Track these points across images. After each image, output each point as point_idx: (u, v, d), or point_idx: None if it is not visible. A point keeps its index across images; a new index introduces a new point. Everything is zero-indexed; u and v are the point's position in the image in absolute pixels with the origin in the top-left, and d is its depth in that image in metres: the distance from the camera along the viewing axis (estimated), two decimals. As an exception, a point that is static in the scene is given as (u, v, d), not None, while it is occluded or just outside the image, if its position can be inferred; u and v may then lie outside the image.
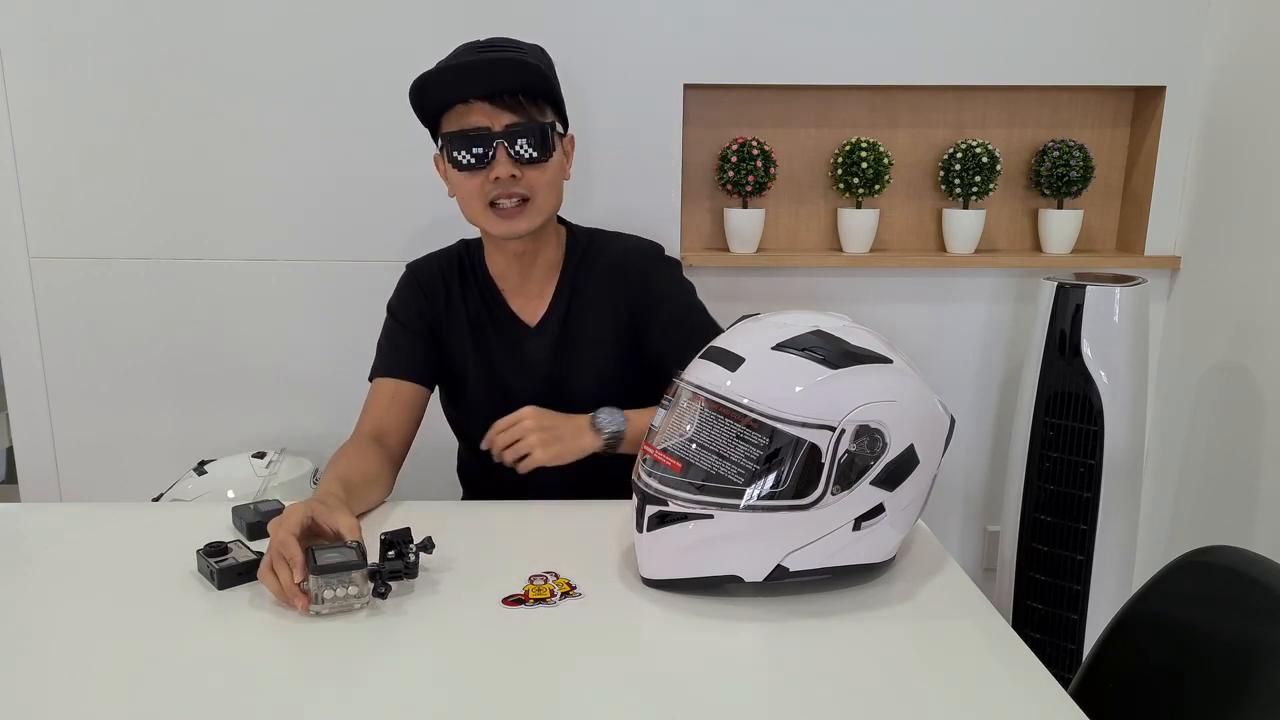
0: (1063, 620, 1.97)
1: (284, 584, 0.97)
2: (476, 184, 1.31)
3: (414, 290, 1.46)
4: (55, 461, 2.22)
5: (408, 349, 1.43)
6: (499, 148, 1.28)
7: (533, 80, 1.29)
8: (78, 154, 2.07)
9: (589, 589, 1.03)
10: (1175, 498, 2.21)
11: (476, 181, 1.31)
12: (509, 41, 1.34)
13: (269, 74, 2.04)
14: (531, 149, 1.29)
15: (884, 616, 0.99)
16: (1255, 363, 1.95)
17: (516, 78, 1.29)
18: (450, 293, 1.45)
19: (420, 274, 1.47)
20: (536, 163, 1.30)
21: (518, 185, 1.30)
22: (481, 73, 1.27)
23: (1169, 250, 2.20)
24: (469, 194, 1.32)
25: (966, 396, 2.30)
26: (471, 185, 1.31)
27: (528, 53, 1.32)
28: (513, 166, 1.29)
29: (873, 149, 2.12)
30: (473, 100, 1.28)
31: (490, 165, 1.29)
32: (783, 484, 0.96)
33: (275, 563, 0.99)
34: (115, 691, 0.84)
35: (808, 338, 1.00)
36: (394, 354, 1.43)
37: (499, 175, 1.29)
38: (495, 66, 1.27)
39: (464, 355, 1.44)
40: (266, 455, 2.02)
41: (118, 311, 2.15)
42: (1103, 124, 2.24)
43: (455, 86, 1.29)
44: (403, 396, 1.40)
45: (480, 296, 1.45)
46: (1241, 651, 0.91)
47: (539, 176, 1.32)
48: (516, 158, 1.29)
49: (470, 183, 1.31)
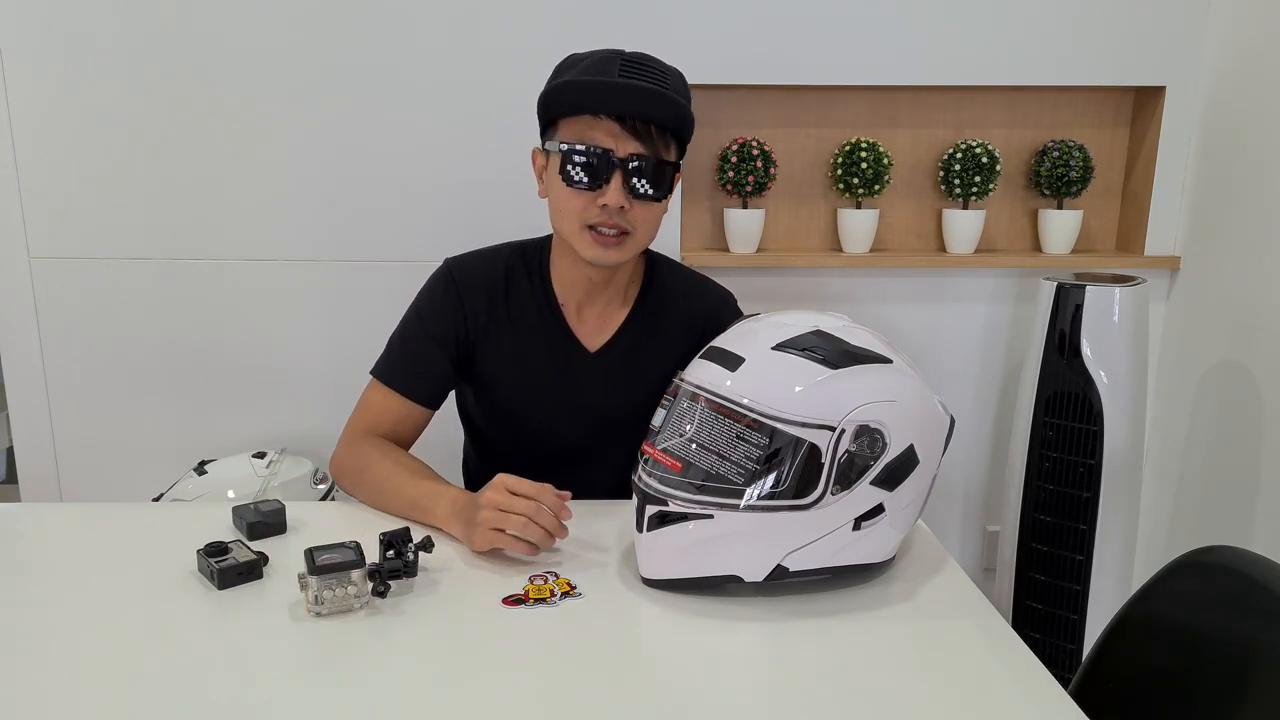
0: (1063, 620, 1.97)
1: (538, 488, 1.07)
2: (581, 204, 1.22)
3: (450, 294, 1.33)
4: (55, 461, 2.22)
5: (424, 365, 1.33)
6: (616, 175, 1.19)
7: (669, 117, 1.20)
8: (78, 154, 2.07)
9: (589, 589, 1.03)
10: (1175, 498, 2.21)
11: (581, 201, 1.21)
12: (654, 63, 1.22)
13: (269, 73, 2.04)
14: (648, 185, 1.21)
15: (884, 616, 0.99)
16: (1255, 363, 1.95)
17: (660, 110, 1.19)
18: (494, 302, 1.33)
19: (461, 277, 1.34)
20: (649, 200, 1.22)
21: (623, 218, 1.21)
22: (627, 95, 1.18)
23: (1169, 250, 2.20)
24: (569, 210, 1.23)
25: (966, 396, 2.30)
26: (575, 204, 1.22)
27: (670, 83, 1.22)
28: (624, 198, 1.20)
29: (873, 149, 2.12)
30: (602, 116, 1.18)
31: (602, 190, 1.20)
32: (783, 484, 0.96)
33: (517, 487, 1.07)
34: (115, 691, 0.84)
35: (808, 338, 1.01)
36: (407, 368, 1.33)
37: (608, 203, 1.20)
38: (643, 94, 1.18)
39: (502, 369, 1.35)
40: (266, 455, 2.02)
41: (118, 311, 2.15)
42: (1103, 124, 2.24)
43: (592, 98, 1.19)
44: (412, 419, 1.34)
45: (536, 311, 1.34)
46: (1241, 651, 0.91)
47: (646, 214, 1.23)
48: (631, 190, 1.20)
49: (574, 200, 1.22)
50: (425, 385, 1.34)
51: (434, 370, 1.33)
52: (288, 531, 1.18)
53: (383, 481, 1.24)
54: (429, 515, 1.17)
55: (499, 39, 2.03)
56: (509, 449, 1.41)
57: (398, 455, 1.28)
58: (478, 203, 2.10)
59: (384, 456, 1.27)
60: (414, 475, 1.23)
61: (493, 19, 2.03)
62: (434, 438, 1.46)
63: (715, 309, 1.39)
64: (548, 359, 1.34)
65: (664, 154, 1.22)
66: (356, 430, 1.33)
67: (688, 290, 1.40)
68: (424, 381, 1.33)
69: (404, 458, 1.29)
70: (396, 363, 1.34)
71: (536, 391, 1.35)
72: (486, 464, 1.42)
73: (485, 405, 1.40)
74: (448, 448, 1.53)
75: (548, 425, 1.36)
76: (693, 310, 1.38)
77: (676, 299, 1.38)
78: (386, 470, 1.25)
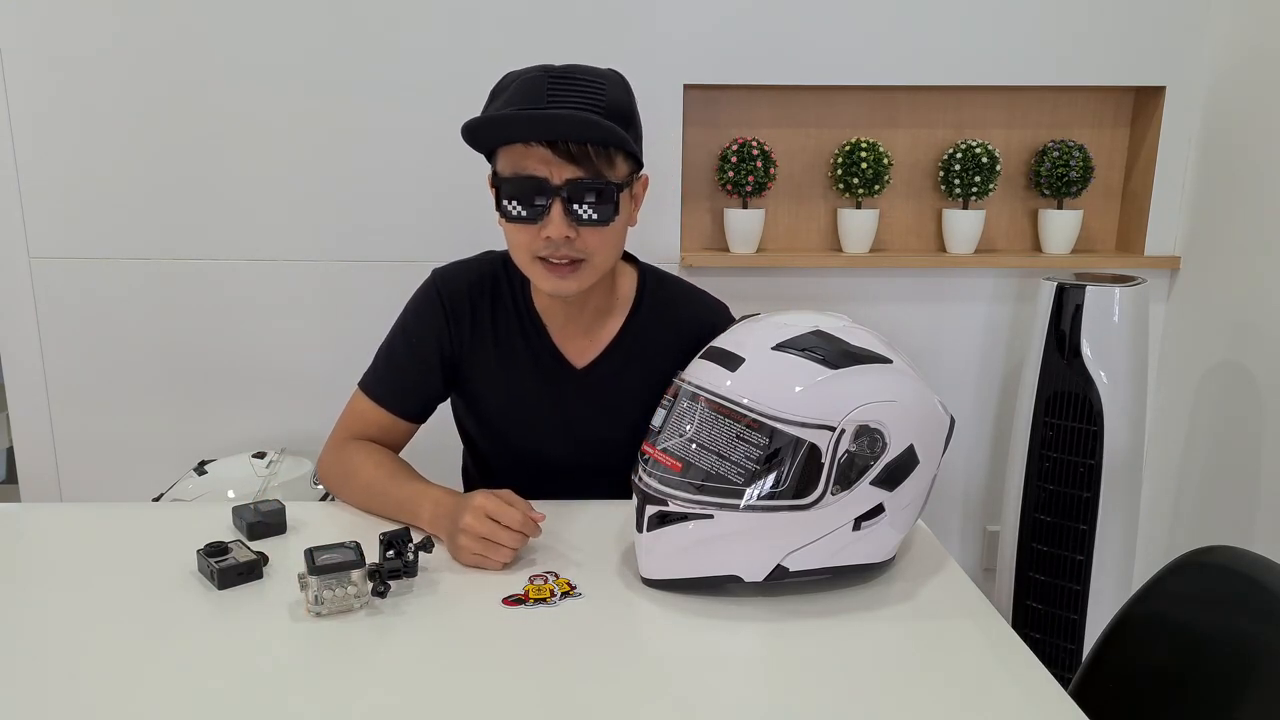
0: (1063, 620, 1.97)
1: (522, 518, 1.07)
2: (526, 237, 1.16)
3: (435, 307, 1.30)
4: (55, 461, 2.22)
5: (406, 380, 1.31)
6: (555, 203, 1.12)
7: (605, 135, 1.11)
8: (78, 154, 2.07)
9: (589, 589, 1.03)
10: (1175, 498, 2.21)
11: (526, 235, 1.15)
12: (585, 75, 1.14)
13: (269, 74, 2.04)
14: (592, 211, 1.13)
15: (884, 616, 0.99)
16: (1255, 363, 1.95)
17: (588, 133, 1.11)
18: (478, 315, 1.30)
19: (445, 288, 1.30)
20: (595, 224, 1.14)
21: (570, 247, 1.15)
22: (549, 126, 1.11)
23: (1169, 250, 2.20)
24: (515, 244, 1.19)
25: (966, 396, 2.30)
26: (521, 238, 1.17)
27: (606, 94, 1.13)
28: (568, 227, 1.13)
29: (872, 149, 2.12)
30: (533, 143, 1.12)
31: (544, 222, 1.13)
32: (783, 484, 0.96)
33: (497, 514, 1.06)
34: (115, 691, 0.84)
35: (808, 338, 1.00)
36: (392, 383, 1.31)
37: (550, 235, 1.13)
38: (567, 123, 1.10)
39: (489, 383, 1.32)
40: (266, 455, 2.02)
41: (118, 311, 2.15)
42: (1103, 124, 2.24)
43: (519, 129, 1.13)
44: (397, 431, 1.33)
45: (520, 327, 1.30)
46: (1241, 651, 0.91)
47: (598, 239, 1.16)
48: (574, 218, 1.13)
49: (519, 234, 1.17)
50: (409, 401, 1.32)
51: (419, 387, 1.32)
52: (288, 531, 1.18)
53: (368, 485, 1.24)
54: (414, 519, 1.17)
55: (498, 39, 2.03)
56: (503, 463, 1.40)
57: (380, 457, 1.27)
58: (478, 203, 2.08)
59: (367, 458, 1.27)
60: (396, 477, 1.23)
61: (491, 19, 2.03)
62: (433, 449, 1.45)
63: (711, 323, 1.24)
64: (534, 376, 1.31)
65: (607, 173, 1.13)
66: (342, 436, 1.33)
67: (680, 303, 1.35)
68: (408, 398, 1.32)
69: (387, 460, 1.28)
70: (382, 378, 1.32)
71: (524, 409, 1.32)
72: (484, 477, 1.42)
73: (476, 419, 1.39)
74: (450, 462, 1.52)
75: (536, 444, 1.34)
76: (687, 325, 1.29)
77: (668, 313, 1.32)
78: (370, 474, 1.25)
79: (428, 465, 1.39)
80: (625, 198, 1.18)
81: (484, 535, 1.06)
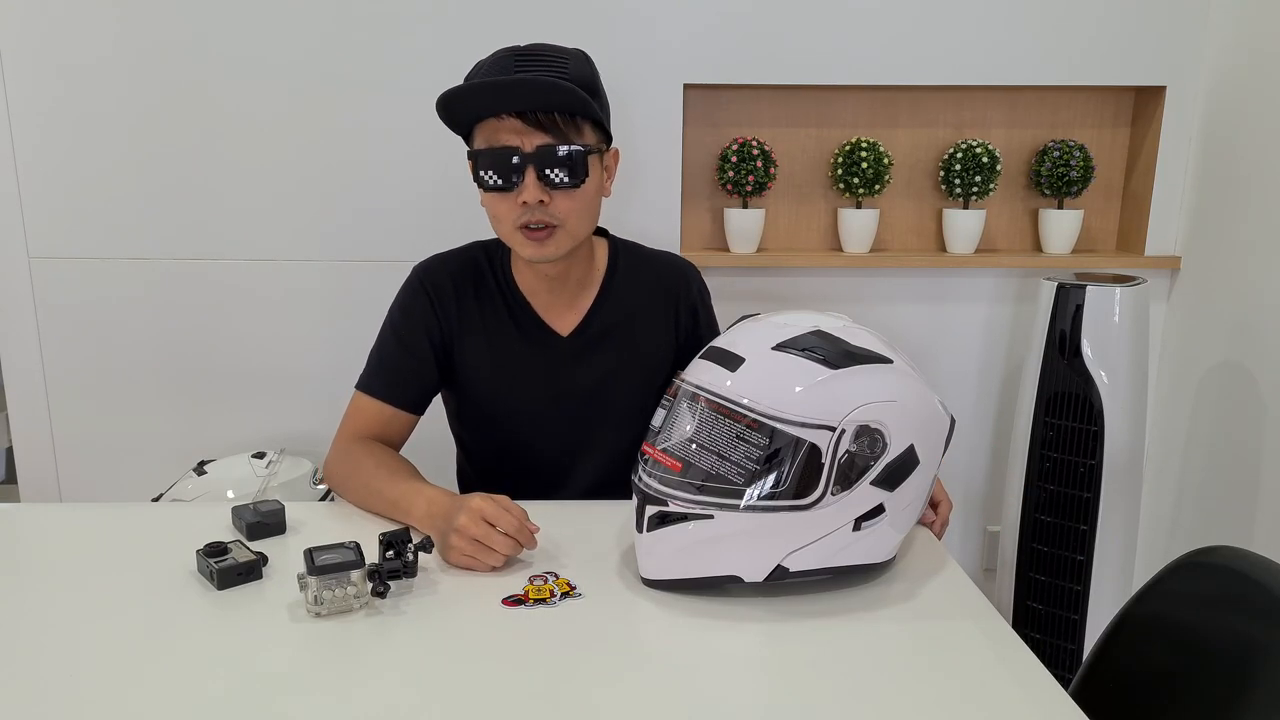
0: (1063, 620, 1.97)
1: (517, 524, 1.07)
2: (505, 207, 1.23)
3: (420, 298, 1.36)
4: (55, 461, 2.22)
5: (401, 373, 1.35)
6: (528, 170, 1.20)
7: (570, 101, 1.19)
8: (77, 154, 2.07)
9: (589, 589, 1.03)
10: (1175, 498, 2.21)
11: (505, 204, 1.23)
12: (549, 51, 1.23)
13: (268, 75, 2.04)
14: (562, 174, 1.20)
15: (884, 616, 0.99)
16: (1255, 363, 1.95)
17: (552, 98, 1.19)
18: (463, 301, 1.36)
19: (428, 279, 1.36)
20: (567, 188, 1.22)
21: (545, 212, 1.22)
22: (514, 92, 1.19)
23: (1169, 250, 2.20)
24: (497, 215, 1.26)
25: (966, 396, 2.30)
26: (500, 208, 1.24)
27: (569, 67, 1.21)
28: (541, 191, 1.20)
29: (873, 149, 2.12)
30: (504, 116, 1.20)
31: (518, 188, 1.21)
32: (783, 484, 0.96)
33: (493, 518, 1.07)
34: (115, 691, 0.84)
35: (808, 338, 1.00)
36: (385, 376, 1.35)
37: (526, 200, 1.20)
38: (530, 87, 1.18)
39: (479, 368, 1.36)
40: (266, 455, 2.02)
41: (118, 311, 2.15)
42: (1103, 124, 2.24)
43: (489, 99, 1.21)
44: (397, 424, 1.36)
45: (505, 305, 1.36)
46: (1241, 651, 0.91)
47: (569, 203, 1.23)
48: (546, 182, 1.21)
49: (499, 204, 1.24)
50: (406, 391, 1.35)
51: (414, 377, 1.36)
52: (287, 532, 1.18)
53: (367, 483, 1.25)
54: (407, 516, 1.18)
55: (498, 39, 2.01)
56: (498, 460, 1.42)
57: (381, 456, 1.29)
58: (477, 202, 2.09)
59: (368, 457, 1.28)
60: (394, 476, 1.23)
61: (491, 19, 2.03)
62: (432, 437, 1.47)
63: (682, 277, 1.43)
64: (522, 349, 1.36)
65: (575, 139, 1.21)
66: (344, 437, 1.35)
67: (650, 265, 1.43)
68: (405, 389, 1.35)
69: (388, 458, 1.29)
70: (377, 373, 1.36)
71: (515, 381, 1.36)
72: (480, 480, 1.45)
73: (469, 412, 1.41)
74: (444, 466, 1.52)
75: (530, 418, 1.36)
76: (659, 282, 1.41)
77: (640, 275, 1.41)
78: (369, 472, 1.26)
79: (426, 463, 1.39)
80: (595, 163, 1.25)
81: (477, 538, 1.06)
